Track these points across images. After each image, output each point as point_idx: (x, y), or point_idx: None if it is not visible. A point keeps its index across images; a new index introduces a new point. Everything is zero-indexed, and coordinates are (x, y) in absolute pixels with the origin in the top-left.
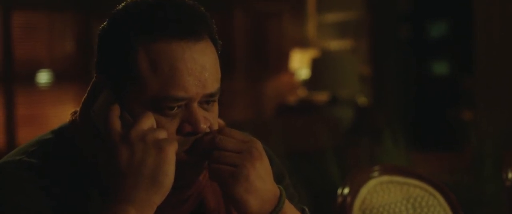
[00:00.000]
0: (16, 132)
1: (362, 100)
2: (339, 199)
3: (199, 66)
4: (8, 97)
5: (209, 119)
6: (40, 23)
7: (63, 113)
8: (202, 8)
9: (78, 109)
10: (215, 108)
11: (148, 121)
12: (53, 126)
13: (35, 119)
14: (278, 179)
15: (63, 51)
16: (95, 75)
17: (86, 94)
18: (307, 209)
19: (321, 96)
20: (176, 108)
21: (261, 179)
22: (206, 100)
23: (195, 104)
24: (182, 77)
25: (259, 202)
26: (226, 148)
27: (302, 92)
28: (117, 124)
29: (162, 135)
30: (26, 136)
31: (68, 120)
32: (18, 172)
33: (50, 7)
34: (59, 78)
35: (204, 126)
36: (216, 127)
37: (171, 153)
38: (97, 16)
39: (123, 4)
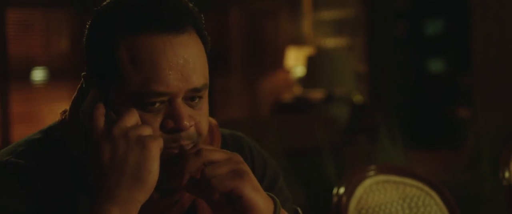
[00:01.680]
0: (11, 129)
1: (358, 98)
2: (335, 199)
3: (181, 59)
4: (3, 94)
5: (194, 117)
6: (36, 20)
7: (58, 110)
8: (187, 2)
9: (68, 108)
10: (203, 105)
11: (132, 118)
12: (48, 123)
13: (30, 116)
14: (273, 180)
15: (59, 48)
16: (83, 74)
17: (75, 93)
18: (300, 210)
19: (317, 94)
20: (158, 104)
21: (255, 178)
22: (191, 97)
23: (179, 100)
24: (162, 72)
25: (264, 200)
26: (216, 159)
27: (297, 90)
28: (101, 122)
29: (146, 131)
30: (21, 133)
31: (58, 119)
32: (4, 173)
33: (46, 4)
34: (54, 76)
35: (187, 123)
36: (204, 127)
37: (154, 149)
38: (92, 14)
39: (107, 0)
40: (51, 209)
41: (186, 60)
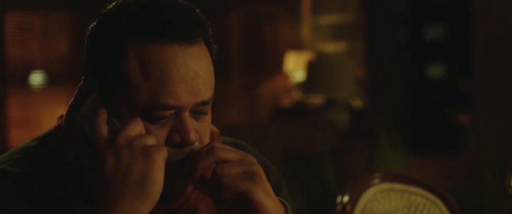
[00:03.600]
0: (8, 134)
1: (357, 103)
2: (339, 207)
3: (192, 72)
4: (1, 98)
5: (199, 131)
6: (34, 24)
7: (56, 115)
8: (198, 11)
9: (64, 113)
10: (207, 119)
11: (136, 127)
12: (46, 127)
13: (29, 120)
14: (276, 189)
15: (57, 52)
16: (83, 78)
17: (72, 98)
18: None
19: (317, 99)
20: (166, 117)
21: (268, 181)
22: (197, 110)
23: (186, 113)
24: (173, 84)
25: (275, 204)
26: (228, 158)
27: (297, 95)
28: (103, 129)
29: (151, 141)
30: (19, 138)
31: (54, 125)
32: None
33: (44, 7)
34: (53, 80)
35: (194, 138)
36: (207, 139)
37: (159, 160)
38: (92, 17)
39: (114, 3)
40: None
41: (196, 73)
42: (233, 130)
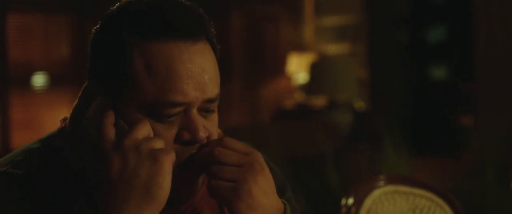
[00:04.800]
0: (11, 135)
1: (360, 104)
2: (343, 210)
3: (198, 68)
4: (3, 100)
5: (208, 128)
6: (36, 25)
7: (58, 116)
8: (200, 10)
9: (68, 116)
10: (215, 117)
11: (144, 129)
12: (48, 129)
13: (31, 122)
14: (280, 191)
15: (59, 54)
16: (87, 80)
17: (77, 101)
18: None
19: (319, 101)
20: (174, 114)
21: (264, 194)
22: (205, 107)
23: (194, 111)
24: (180, 80)
25: None
26: (225, 161)
27: (299, 97)
28: (110, 132)
29: (158, 144)
30: (21, 139)
31: (57, 127)
32: (2, 184)
33: (46, 9)
34: (55, 81)
35: (203, 135)
36: (215, 137)
37: (167, 164)
38: (93, 19)
39: (117, 4)
40: None
41: (202, 69)
42: (234, 132)
